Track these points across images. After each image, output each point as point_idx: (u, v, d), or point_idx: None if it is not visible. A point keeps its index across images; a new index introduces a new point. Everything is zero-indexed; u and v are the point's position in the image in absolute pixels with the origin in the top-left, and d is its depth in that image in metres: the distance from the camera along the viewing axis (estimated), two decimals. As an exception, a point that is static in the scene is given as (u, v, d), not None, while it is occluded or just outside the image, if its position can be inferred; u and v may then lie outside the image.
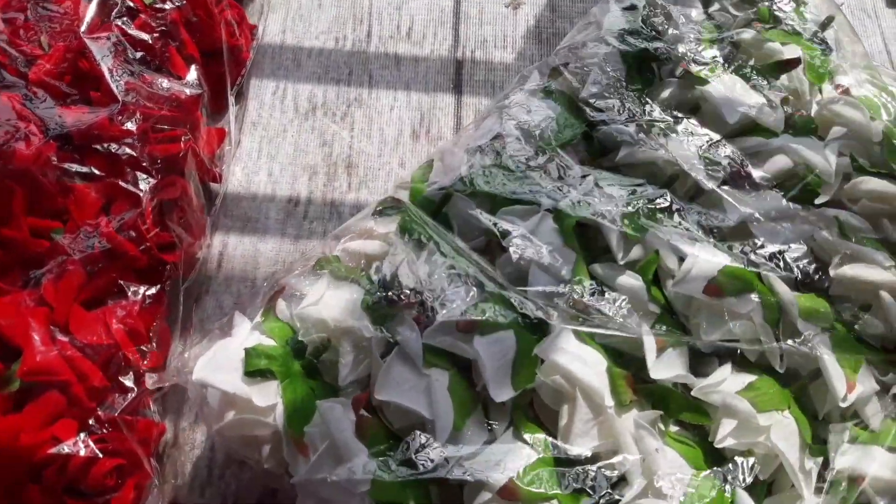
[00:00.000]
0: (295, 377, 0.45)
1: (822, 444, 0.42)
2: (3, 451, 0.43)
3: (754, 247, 0.46)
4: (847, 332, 0.44)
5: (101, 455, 0.45)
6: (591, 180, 0.48)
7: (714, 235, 0.47)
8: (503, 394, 0.41)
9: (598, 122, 0.52)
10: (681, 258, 0.45)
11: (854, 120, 0.52)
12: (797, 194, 0.49)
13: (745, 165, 0.50)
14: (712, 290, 0.43)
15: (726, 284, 0.43)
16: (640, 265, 0.45)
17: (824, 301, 0.45)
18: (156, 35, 0.59)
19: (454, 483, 0.42)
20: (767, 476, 0.41)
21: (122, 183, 0.52)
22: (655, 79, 0.55)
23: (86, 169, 0.52)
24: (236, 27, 0.65)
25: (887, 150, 0.51)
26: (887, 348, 0.45)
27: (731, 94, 0.52)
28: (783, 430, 0.41)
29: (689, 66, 0.54)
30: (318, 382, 0.45)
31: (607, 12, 0.59)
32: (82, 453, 0.44)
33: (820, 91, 0.55)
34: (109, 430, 0.46)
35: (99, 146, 0.52)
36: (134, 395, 0.48)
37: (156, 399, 0.51)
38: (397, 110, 0.68)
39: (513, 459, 0.40)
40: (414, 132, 0.67)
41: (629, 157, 0.51)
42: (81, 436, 0.45)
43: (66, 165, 0.51)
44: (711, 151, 0.50)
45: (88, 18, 0.56)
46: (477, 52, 0.72)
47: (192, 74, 0.60)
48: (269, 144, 0.66)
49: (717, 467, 0.41)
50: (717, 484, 0.40)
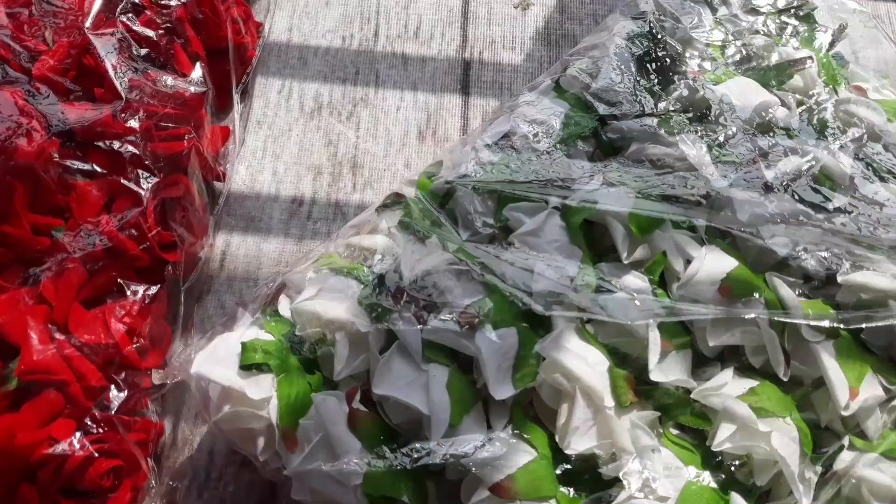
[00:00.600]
0: (291, 371, 0.45)
1: (823, 453, 0.42)
2: (0, 450, 0.43)
3: (762, 251, 0.45)
4: (853, 340, 0.44)
5: (97, 455, 0.44)
6: (601, 176, 0.48)
7: (723, 237, 0.46)
8: (504, 391, 0.41)
9: (609, 118, 0.52)
10: (687, 260, 0.44)
11: (870, 121, 0.51)
12: (810, 197, 0.48)
13: (757, 166, 0.49)
14: (725, 291, 0.43)
15: (734, 288, 0.43)
16: (646, 266, 0.45)
17: (830, 308, 0.44)
18: (161, 32, 0.58)
19: (452, 479, 0.42)
20: (765, 482, 0.41)
21: (124, 181, 0.51)
22: (665, 80, 0.54)
23: (88, 166, 0.51)
24: (242, 25, 0.65)
25: None
26: (894, 358, 0.44)
27: (744, 93, 0.51)
28: (784, 437, 0.40)
29: (700, 69, 0.53)
30: (317, 377, 0.45)
31: (618, 21, 0.59)
32: (79, 453, 0.44)
33: (836, 92, 0.54)
34: (106, 429, 0.46)
35: (101, 143, 0.52)
36: (132, 394, 0.48)
37: (155, 399, 0.51)
38: (404, 110, 0.68)
39: (510, 457, 0.40)
40: (420, 133, 0.67)
41: (639, 153, 0.50)
42: (77, 436, 0.44)
43: (68, 162, 0.51)
44: (725, 149, 0.49)
45: (93, 14, 0.56)
46: (485, 53, 0.71)
47: (197, 72, 0.59)
48: (274, 143, 0.65)
49: (714, 471, 0.41)
50: (713, 487, 0.40)
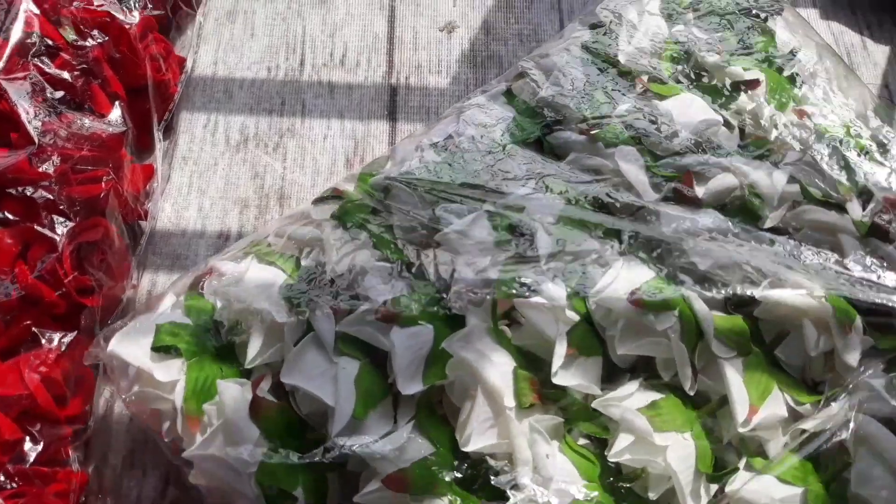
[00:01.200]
0: (204, 356, 0.46)
1: (723, 472, 0.42)
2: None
3: (684, 265, 0.45)
4: (764, 358, 0.44)
5: (12, 511, 0.44)
6: (535, 181, 0.49)
7: (646, 250, 0.46)
8: (412, 387, 0.42)
9: (553, 124, 0.53)
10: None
11: (809, 146, 0.51)
12: (740, 216, 0.49)
13: (691, 181, 0.49)
14: (637, 302, 0.43)
15: (648, 300, 0.43)
16: (564, 272, 0.45)
17: (745, 324, 0.44)
18: (77, 73, 0.58)
19: (353, 471, 0.43)
20: (658, 496, 0.41)
21: (37, 227, 0.51)
22: (615, 91, 0.55)
23: (0, 214, 0.51)
24: (162, 62, 0.64)
25: (841, 177, 0.50)
26: (806, 381, 0.45)
27: (689, 110, 0.52)
28: (680, 452, 0.41)
29: (647, 81, 0.54)
30: (231, 364, 0.46)
31: (575, 30, 0.60)
32: (-8, 510, 0.44)
33: (781, 115, 0.55)
34: (22, 484, 0.45)
35: (13, 190, 0.51)
36: (49, 444, 0.47)
37: (77, 447, 0.50)
38: (331, 139, 0.68)
39: (407, 451, 0.40)
40: (348, 161, 0.67)
41: (576, 163, 0.51)
42: (-9, 492, 0.44)
43: (-21, 211, 0.50)
44: (659, 162, 0.50)
45: (4, 59, 0.55)
46: (411, 78, 0.72)
47: (116, 112, 0.59)
48: (200, 179, 0.65)
49: (611, 481, 0.41)
50: (605, 498, 0.40)
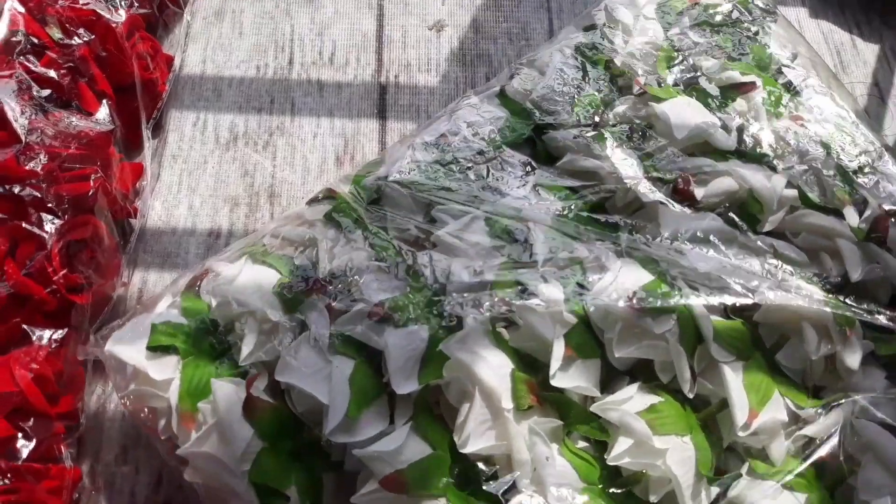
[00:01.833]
0: (200, 355, 0.46)
1: (723, 476, 0.42)
2: None
3: (683, 268, 0.45)
4: (764, 362, 0.44)
5: (3, 508, 0.43)
6: (532, 183, 0.49)
7: (643, 252, 0.46)
8: (406, 386, 0.41)
9: (546, 126, 0.53)
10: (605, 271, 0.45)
11: (807, 151, 0.52)
12: (739, 220, 0.49)
13: (689, 183, 0.49)
14: (634, 305, 0.43)
15: (647, 302, 0.43)
16: (562, 275, 0.45)
17: (744, 328, 0.44)
18: (63, 72, 0.58)
19: (349, 472, 0.42)
20: (658, 499, 0.41)
21: (25, 225, 0.51)
22: (609, 93, 0.55)
23: (-13, 213, 0.51)
24: (150, 60, 0.64)
25: (838, 183, 0.51)
26: (806, 385, 0.45)
27: (685, 113, 0.52)
28: (680, 456, 0.40)
29: (644, 83, 0.54)
30: (227, 362, 0.45)
31: (570, 32, 0.60)
32: (-16, 507, 0.43)
33: (777, 120, 0.55)
34: (15, 480, 0.45)
35: (1, 188, 0.51)
36: (42, 441, 0.47)
37: (70, 443, 0.50)
38: (321, 137, 0.68)
39: (405, 452, 0.40)
40: (338, 159, 0.67)
41: (571, 165, 0.51)
42: (-18, 489, 0.43)
43: (-34, 210, 0.50)
44: (657, 165, 0.50)
45: (-9, 58, 0.55)
46: (401, 77, 0.72)
47: (104, 111, 0.59)
48: (190, 177, 0.65)
49: (611, 485, 0.41)
50: (606, 501, 0.40)
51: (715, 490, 0.41)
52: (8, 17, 0.57)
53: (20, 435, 0.47)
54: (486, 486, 0.40)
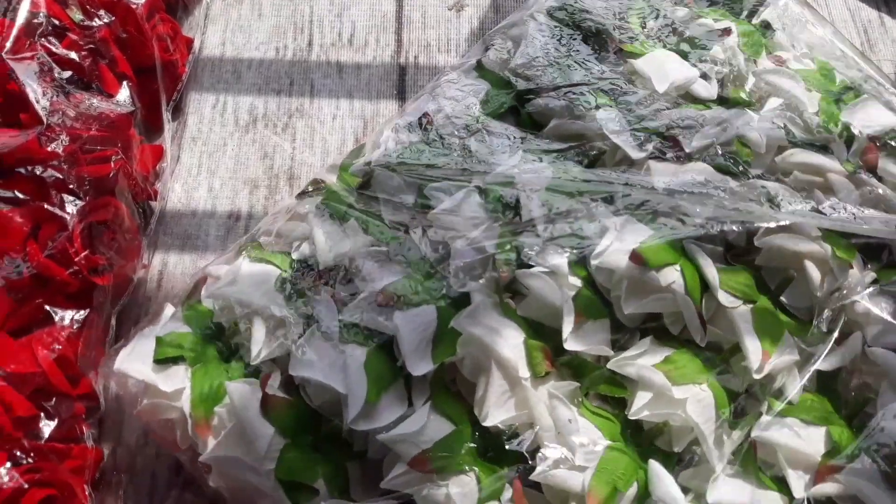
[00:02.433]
0: (208, 361, 0.46)
1: (743, 419, 0.42)
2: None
3: (681, 219, 0.45)
4: (771, 304, 0.44)
5: (27, 486, 0.44)
6: (519, 153, 0.48)
7: (640, 208, 0.46)
8: (421, 367, 0.41)
9: (527, 93, 0.52)
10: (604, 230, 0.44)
11: (789, 91, 0.51)
12: (729, 166, 0.48)
13: (676, 136, 0.49)
14: (637, 259, 0.42)
15: (650, 257, 0.43)
16: (562, 239, 0.45)
17: (748, 273, 0.44)
18: (84, 53, 0.58)
19: (374, 459, 0.43)
20: (683, 448, 0.41)
21: (48, 206, 0.51)
22: (586, 53, 0.54)
23: (10, 193, 0.51)
24: (170, 42, 0.64)
25: (823, 119, 0.50)
26: (815, 320, 0.44)
27: (664, 67, 0.52)
28: (699, 403, 0.41)
29: (619, 41, 0.54)
30: (238, 365, 0.45)
31: None
32: (8, 485, 0.43)
33: (755, 63, 0.55)
34: (38, 459, 0.45)
35: (23, 169, 0.51)
36: (64, 421, 0.47)
37: (92, 423, 0.51)
38: (340, 119, 0.67)
39: (428, 432, 0.40)
40: (357, 140, 0.66)
41: (557, 130, 0.51)
42: (6, 467, 0.44)
43: (-11, 191, 0.50)
44: (643, 122, 0.50)
45: (12, 39, 0.55)
46: (420, 57, 0.71)
47: (124, 92, 0.59)
48: (209, 159, 0.65)
49: (633, 439, 0.41)
50: (631, 455, 0.40)
51: (737, 434, 0.41)
52: (29, -2, 0.57)
53: (42, 415, 0.47)
54: (508, 446, 0.40)
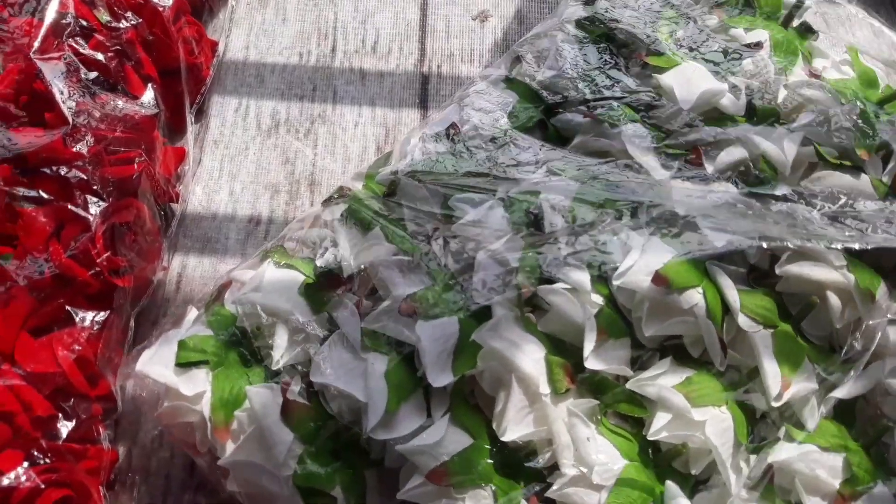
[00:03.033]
0: (229, 366, 0.46)
1: (760, 443, 0.42)
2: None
3: (703, 241, 0.44)
4: (791, 330, 0.44)
5: (44, 486, 0.44)
6: (545, 167, 0.48)
7: (664, 229, 0.45)
8: (442, 379, 0.41)
9: (555, 107, 0.52)
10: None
11: (822, 104, 0.50)
12: (753, 187, 0.48)
13: (700, 155, 0.49)
14: (660, 281, 0.42)
15: (672, 279, 0.43)
16: (585, 256, 0.44)
17: (770, 298, 0.44)
18: (110, 55, 0.58)
19: (391, 468, 0.43)
20: (700, 471, 0.41)
21: (71, 207, 0.51)
22: (615, 66, 0.54)
23: (34, 193, 0.51)
24: (195, 45, 0.64)
25: (857, 135, 0.49)
26: (833, 347, 0.44)
27: (690, 81, 0.51)
28: (718, 426, 0.40)
29: (645, 55, 0.53)
30: (259, 370, 0.45)
31: (568, 6, 0.59)
32: (25, 485, 0.44)
33: (786, 74, 0.54)
34: (55, 459, 0.45)
35: (48, 170, 0.52)
36: (82, 422, 0.47)
37: (108, 425, 0.51)
38: (362, 126, 0.67)
39: (446, 444, 0.40)
40: (379, 148, 0.66)
41: (583, 146, 0.51)
42: (23, 466, 0.44)
43: (15, 190, 0.50)
44: (668, 139, 0.49)
45: (40, 38, 0.55)
46: (443, 67, 0.71)
47: (149, 94, 0.59)
48: (231, 163, 0.65)
49: (651, 460, 0.41)
50: (647, 475, 0.40)
51: (755, 458, 0.41)
52: (58, -1, 0.58)
53: (60, 415, 0.47)
54: (526, 462, 0.40)
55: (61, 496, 0.45)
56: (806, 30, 0.56)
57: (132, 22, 0.60)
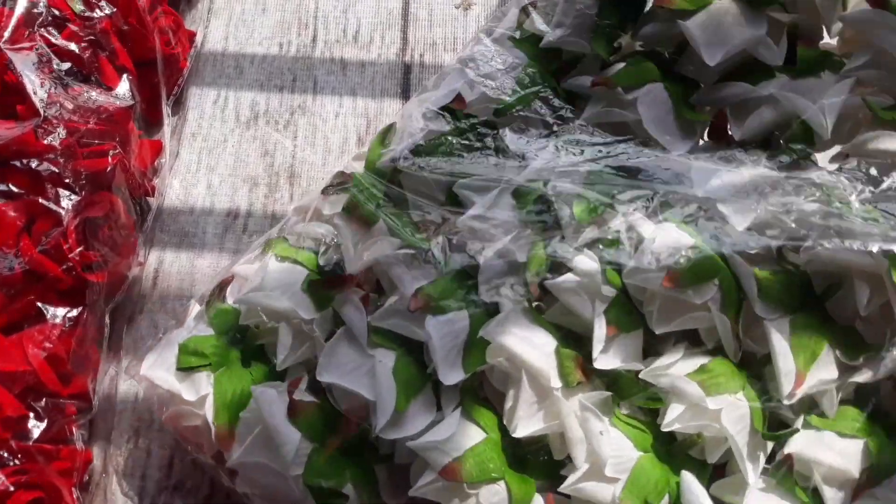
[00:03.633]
0: (231, 365, 0.45)
1: (778, 431, 0.40)
2: None
3: (721, 231, 0.41)
4: (812, 317, 0.41)
5: (13, 489, 0.43)
6: (553, 148, 0.46)
7: (680, 215, 0.42)
8: (453, 376, 0.40)
9: (569, 66, 0.49)
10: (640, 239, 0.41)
11: (884, 36, 0.42)
12: (786, 156, 0.44)
13: (725, 120, 0.45)
14: (672, 282, 0.40)
15: (687, 272, 0.40)
16: (596, 244, 0.42)
17: (791, 280, 0.41)
18: (84, 45, 0.57)
19: (401, 464, 0.42)
20: (716, 460, 0.40)
21: (42, 200, 0.50)
22: (633, 13, 0.49)
23: (4, 186, 0.50)
24: (172, 35, 0.63)
25: None
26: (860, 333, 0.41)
27: (722, 25, 0.44)
28: (734, 414, 0.39)
29: None
30: (262, 368, 0.45)
31: None
32: (-6, 488, 0.43)
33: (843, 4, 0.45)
34: (25, 461, 0.44)
35: (18, 162, 0.50)
36: (54, 422, 0.46)
37: (82, 424, 0.50)
38: (342, 117, 0.66)
39: (458, 440, 0.39)
40: (360, 139, 0.65)
41: (595, 118, 0.47)
42: (-8, 469, 0.43)
43: (-18, 184, 0.49)
44: (691, 97, 0.46)
45: (10, 28, 0.54)
46: (426, 56, 0.70)
47: (124, 85, 0.58)
48: (209, 156, 0.64)
49: (666, 450, 0.40)
50: (663, 466, 0.39)
51: (770, 446, 0.40)
52: (29, -13, 0.56)
53: (31, 415, 0.46)
54: (538, 457, 0.40)
55: (32, 498, 0.44)
56: None
57: (107, 11, 0.58)
